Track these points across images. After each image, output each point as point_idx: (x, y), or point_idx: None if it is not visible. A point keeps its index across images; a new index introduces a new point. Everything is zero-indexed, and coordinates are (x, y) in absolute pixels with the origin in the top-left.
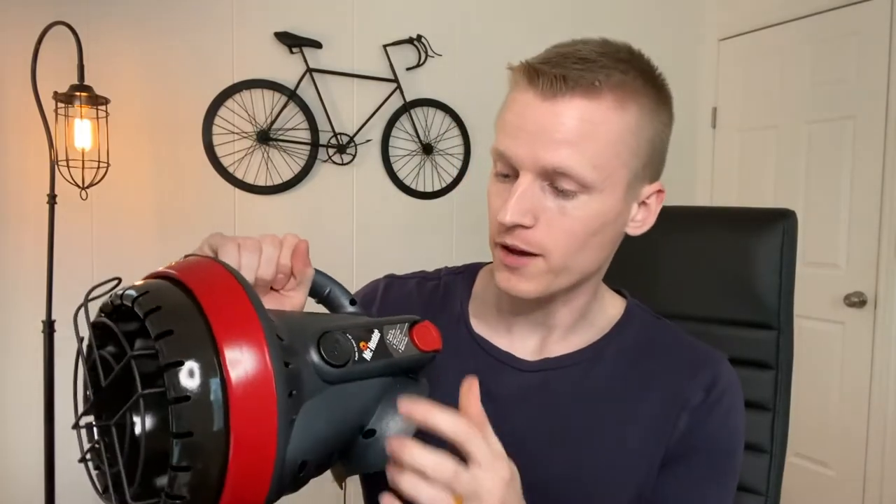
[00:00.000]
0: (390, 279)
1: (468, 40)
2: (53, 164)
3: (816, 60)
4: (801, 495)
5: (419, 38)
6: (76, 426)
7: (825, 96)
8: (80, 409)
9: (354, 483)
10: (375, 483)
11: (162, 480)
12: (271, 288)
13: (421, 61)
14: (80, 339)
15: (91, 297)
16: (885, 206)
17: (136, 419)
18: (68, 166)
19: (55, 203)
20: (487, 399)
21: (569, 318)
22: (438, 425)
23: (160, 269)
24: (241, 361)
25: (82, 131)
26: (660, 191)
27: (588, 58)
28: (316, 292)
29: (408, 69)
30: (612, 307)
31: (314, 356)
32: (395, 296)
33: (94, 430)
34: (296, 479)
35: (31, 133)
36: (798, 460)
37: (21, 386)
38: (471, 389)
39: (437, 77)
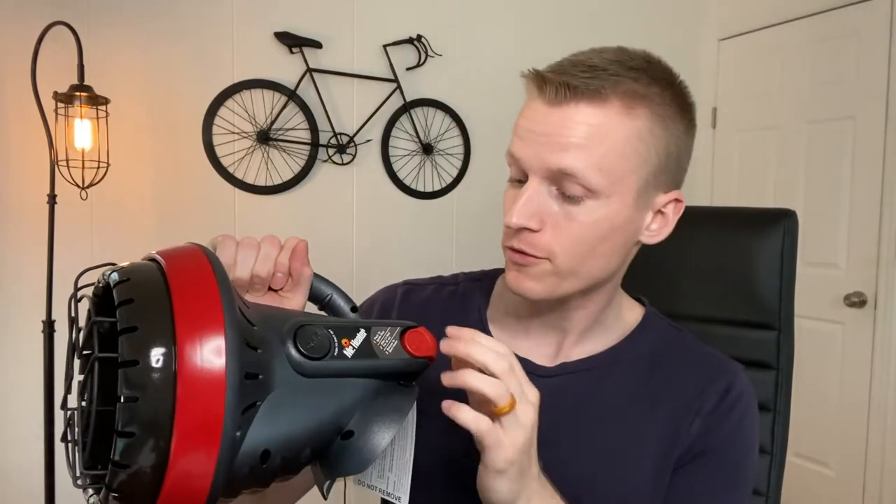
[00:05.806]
0: (409, 286)
1: (468, 40)
2: (53, 164)
3: (816, 60)
4: (801, 495)
5: (419, 38)
6: (63, 406)
7: (825, 96)
8: (67, 389)
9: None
10: None
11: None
12: (270, 288)
13: (421, 61)
14: (72, 322)
15: (81, 285)
16: (885, 206)
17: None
18: (68, 166)
19: (55, 203)
20: None
21: (583, 323)
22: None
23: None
24: (195, 336)
25: (82, 131)
26: (678, 200)
27: (597, 66)
28: (317, 298)
29: (408, 69)
30: (629, 314)
31: (290, 346)
32: (414, 301)
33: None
34: (258, 469)
35: (31, 133)
36: (798, 460)
37: (21, 386)
38: None
39: (437, 77)
